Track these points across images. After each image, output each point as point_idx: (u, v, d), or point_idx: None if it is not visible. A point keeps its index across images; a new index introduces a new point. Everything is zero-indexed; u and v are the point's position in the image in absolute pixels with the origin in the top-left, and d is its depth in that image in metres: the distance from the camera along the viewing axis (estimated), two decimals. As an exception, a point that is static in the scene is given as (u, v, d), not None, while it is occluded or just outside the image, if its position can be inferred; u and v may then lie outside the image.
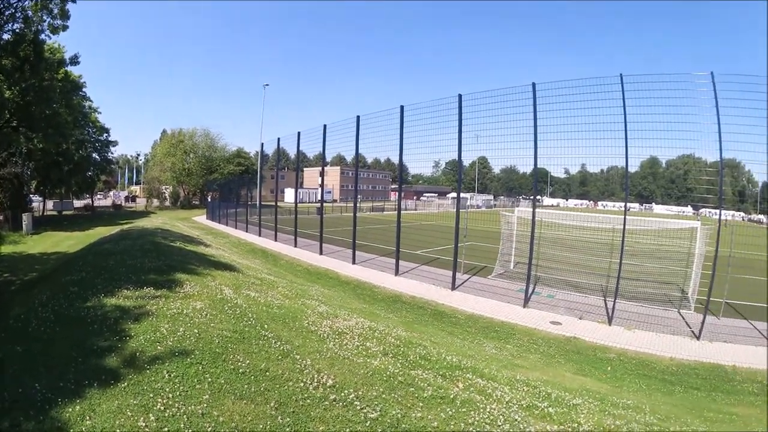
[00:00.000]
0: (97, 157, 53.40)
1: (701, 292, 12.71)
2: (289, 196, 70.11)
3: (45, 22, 23.08)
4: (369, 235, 29.62)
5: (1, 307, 8.70)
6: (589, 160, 13.81)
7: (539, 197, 57.32)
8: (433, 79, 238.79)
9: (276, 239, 26.78)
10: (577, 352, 10.20)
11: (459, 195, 16.64)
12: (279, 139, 27.56)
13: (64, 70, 35.83)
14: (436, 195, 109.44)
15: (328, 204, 67.94)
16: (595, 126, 11.92)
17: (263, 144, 55.27)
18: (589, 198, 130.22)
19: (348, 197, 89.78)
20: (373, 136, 19.05)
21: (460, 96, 14.70)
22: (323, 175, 30.43)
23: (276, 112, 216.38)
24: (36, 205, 48.82)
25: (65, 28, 23.56)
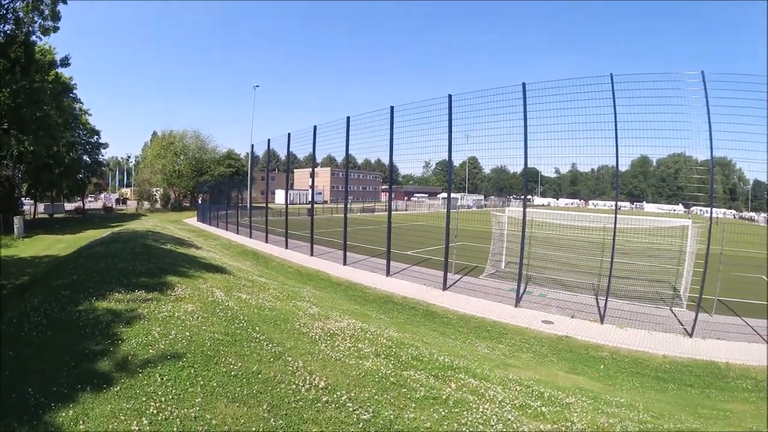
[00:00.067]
0: (87, 159, 53.13)
1: (693, 290, 12.81)
2: (280, 197, 69.92)
3: (36, 23, 23.08)
4: (360, 236, 29.52)
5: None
6: (579, 159, 13.90)
7: (530, 197, 57.53)
8: (424, 79, 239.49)
9: (267, 241, 26.67)
10: (569, 351, 10.22)
11: (449, 195, 16.61)
12: (269, 140, 27.49)
13: (55, 71, 35.78)
14: (427, 195, 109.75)
15: (319, 205, 67.98)
16: (585, 125, 12.00)
17: (253, 145, 55.29)
18: (580, 197, 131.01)
19: (339, 198, 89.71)
20: (363, 136, 19.06)
21: (450, 96, 14.71)
22: (313, 176, 30.20)
23: (266, 114, 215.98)
24: (27, 208, 48.43)
25: (56, 30, 23.52)
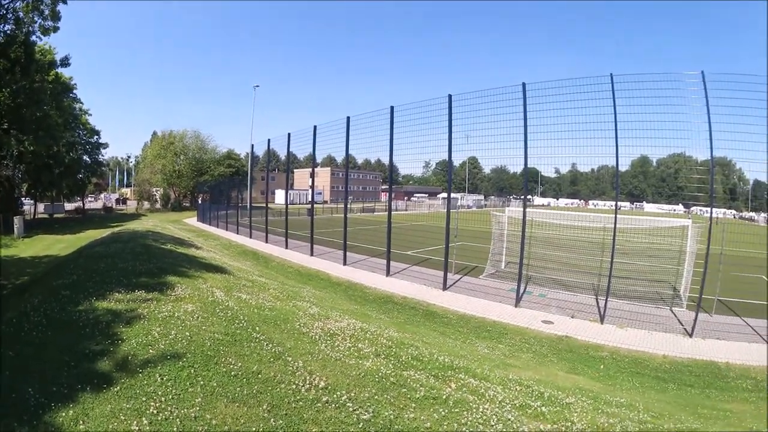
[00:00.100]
0: (87, 159, 53.13)
1: (693, 290, 12.79)
2: (280, 197, 69.86)
3: (36, 23, 23.06)
4: (360, 236, 29.51)
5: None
6: (579, 159, 13.89)
7: (530, 197, 57.46)
8: (425, 79, 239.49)
9: (267, 241, 26.64)
10: (569, 351, 10.21)
11: (449, 195, 16.59)
12: (269, 140, 27.45)
13: (55, 71, 35.76)
14: (427, 195, 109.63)
15: (319, 205, 67.93)
16: (585, 125, 11.98)
17: (253, 145, 55.24)
18: (580, 197, 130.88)
19: (339, 198, 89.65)
20: (363, 136, 19.04)
21: (450, 96, 14.70)
22: (313, 176, 30.13)
23: (266, 114, 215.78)
24: (27, 208, 48.41)
25: (56, 30, 23.51)
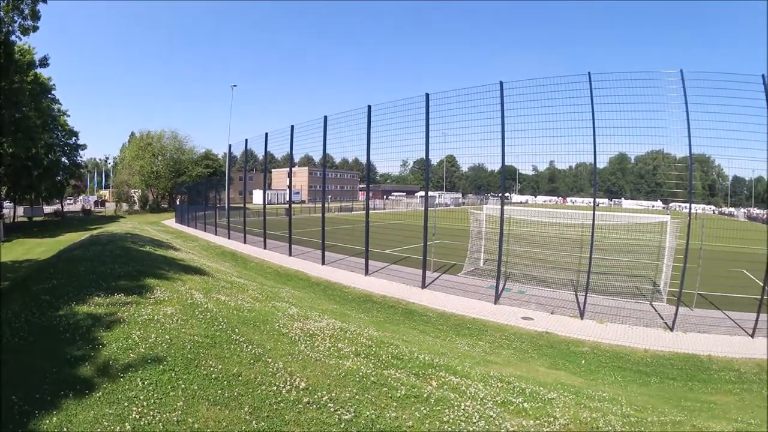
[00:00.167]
0: (66, 161, 52.58)
1: (673, 285, 12.91)
2: (258, 197, 69.48)
3: (16, 22, 22.40)
4: (338, 235, 29.50)
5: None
6: (557, 156, 14.04)
7: (508, 194, 57.87)
8: (404, 77, 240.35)
9: (245, 241, 26.42)
10: (550, 347, 10.24)
11: (427, 193, 16.48)
12: (246, 140, 27.22)
13: (34, 72, 34.90)
14: (405, 194, 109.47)
15: (297, 205, 67.64)
16: (564, 123, 12.06)
17: (231, 145, 54.86)
18: (558, 194, 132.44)
19: (316, 198, 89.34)
20: (341, 136, 19.02)
21: (427, 95, 14.66)
22: (291, 176, 29.78)
23: (244, 114, 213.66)
24: (7, 212, 47.30)
25: (36, 29, 22.90)
